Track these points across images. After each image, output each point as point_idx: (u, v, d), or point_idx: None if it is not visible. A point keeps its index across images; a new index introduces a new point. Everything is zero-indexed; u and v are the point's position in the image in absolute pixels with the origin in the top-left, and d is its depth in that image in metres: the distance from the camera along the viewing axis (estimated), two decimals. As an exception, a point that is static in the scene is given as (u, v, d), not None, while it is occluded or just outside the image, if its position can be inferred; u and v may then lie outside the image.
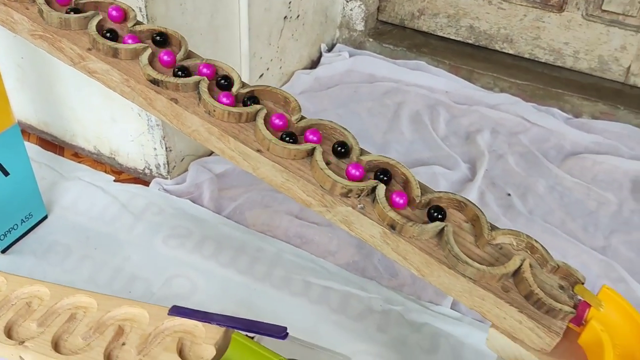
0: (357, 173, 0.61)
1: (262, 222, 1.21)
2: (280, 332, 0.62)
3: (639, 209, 1.28)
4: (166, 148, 1.22)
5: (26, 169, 1.09)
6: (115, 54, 0.72)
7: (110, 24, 0.77)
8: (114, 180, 1.28)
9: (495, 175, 1.35)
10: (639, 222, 1.25)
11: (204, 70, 0.71)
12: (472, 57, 1.68)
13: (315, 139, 0.65)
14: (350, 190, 0.61)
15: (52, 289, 0.72)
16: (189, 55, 0.75)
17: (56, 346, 0.65)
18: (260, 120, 0.64)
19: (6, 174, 1.05)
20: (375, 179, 0.63)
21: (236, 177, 1.32)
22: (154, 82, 0.69)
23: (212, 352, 0.62)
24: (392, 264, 1.14)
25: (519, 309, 0.56)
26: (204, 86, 0.67)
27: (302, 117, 0.67)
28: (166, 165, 1.25)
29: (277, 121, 0.66)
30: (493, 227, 0.61)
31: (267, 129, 0.64)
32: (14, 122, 1.03)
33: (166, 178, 1.27)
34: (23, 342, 0.65)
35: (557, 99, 1.57)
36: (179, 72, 0.70)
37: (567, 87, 1.58)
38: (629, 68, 1.55)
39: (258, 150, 0.64)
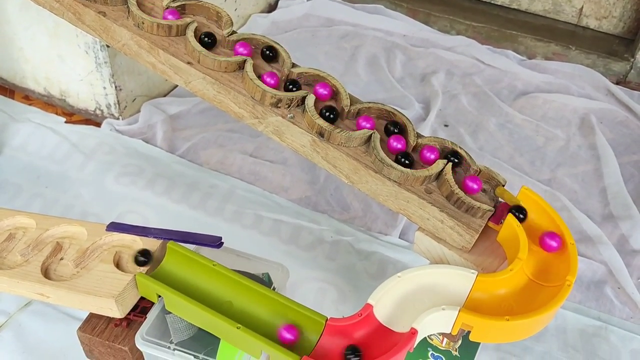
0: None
1: (216, 161, 1.21)
2: (215, 242, 0.64)
3: (586, 144, 1.32)
4: (116, 87, 1.21)
5: (-30, 107, 1.07)
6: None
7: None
8: (65, 122, 1.26)
9: (448, 114, 1.37)
10: (585, 157, 1.29)
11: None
12: (430, 1, 1.68)
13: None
14: (280, 100, 0.62)
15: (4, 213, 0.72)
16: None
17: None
18: (190, 33, 0.64)
19: (-51, 110, 1.03)
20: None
21: (191, 118, 1.31)
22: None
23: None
24: (344, 198, 1.16)
25: (440, 208, 0.58)
26: None
27: (234, 32, 0.67)
28: (117, 105, 1.24)
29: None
30: (419, 135, 0.63)
31: (197, 41, 0.64)
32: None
33: (118, 118, 1.26)
34: (-40, 260, 0.66)
35: (512, 41, 1.59)
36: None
37: (522, 29, 1.59)
38: (581, 9, 1.57)
39: (189, 63, 0.64)
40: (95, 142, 1.21)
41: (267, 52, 0.65)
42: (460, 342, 0.66)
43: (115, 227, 0.67)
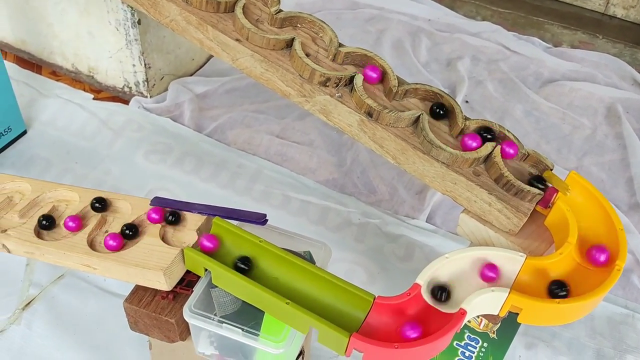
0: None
1: (242, 141, 1.21)
2: (260, 218, 0.64)
3: (612, 133, 1.31)
4: (145, 64, 1.21)
5: (4, 81, 1.08)
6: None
7: None
8: (93, 99, 1.27)
9: (474, 100, 1.37)
10: (612, 146, 1.28)
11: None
12: (456, -15, 1.67)
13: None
14: (329, 79, 0.62)
15: (33, 184, 0.72)
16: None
17: (39, 234, 0.66)
18: (239, 10, 0.64)
19: (-18, 84, 1.04)
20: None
21: (217, 98, 1.31)
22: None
23: (194, 237, 0.64)
24: (371, 181, 1.16)
25: (489, 191, 0.58)
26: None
27: (281, 10, 0.67)
28: (146, 83, 1.24)
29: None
30: (467, 118, 0.63)
31: (246, 18, 0.64)
32: (-11, 30, 1.01)
33: (146, 96, 1.26)
34: (5, 230, 0.66)
35: (538, 28, 1.58)
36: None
37: (548, 16, 1.58)
38: (610, -3, 1.56)
39: (237, 40, 0.64)
40: (123, 120, 1.22)
41: (318, 34, 0.64)
42: (499, 325, 0.66)
43: (159, 201, 0.68)
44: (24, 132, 1.16)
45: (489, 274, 0.55)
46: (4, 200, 0.71)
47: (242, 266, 0.59)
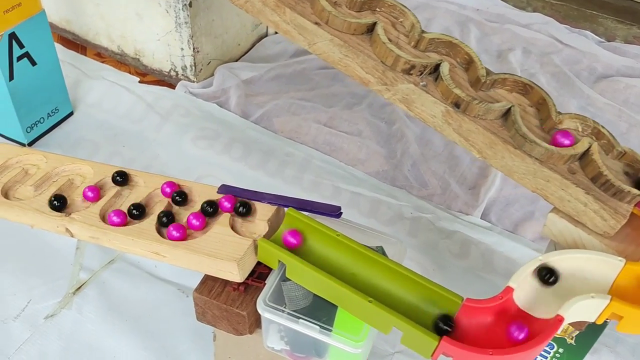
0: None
1: (290, 129, 1.19)
2: (334, 211, 0.62)
3: (670, 132, 1.27)
4: (194, 49, 1.18)
5: (53, 61, 1.06)
6: None
7: None
8: (139, 82, 1.25)
9: (527, 93, 1.33)
10: (670, 145, 1.23)
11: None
12: (506, -25, 1.62)
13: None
14: (413, 67, 0.59)
15: (94, 167, 0.70)
16: None
17: (103, 218, 0.64)
18: (319, -9, 0.61)
19: (33, 63, 1.02)
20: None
21: (262, 84, 1.29)
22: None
23: (265, 228, 0.61)
24: (422, 174, 1.13)
25: (586, 190, 0.55)
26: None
27: (362, -7, 0.64)
28: (193, 67, 1.22)
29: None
30: (559, 112, 0.59)
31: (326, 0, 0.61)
32: (41, 9, 0.99)
33: (192, 81, 1.24)
34: (70, 214, 0.65)
35: (591, 21, 1.53)
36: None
37: (602, 10, 1.53)
38: (669, -9, 1.50)
39: (316, 23, 0.61)
40: (170, 104, 1.19)
41: (399, 19, 0.61)
42: (580, 331, 0.63)
43: (227, 189, 0.66)
44: (71, 114, 1.15)
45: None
46: (65, 182, 0.69)
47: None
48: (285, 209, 0.62)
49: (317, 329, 0.56)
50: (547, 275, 0.51)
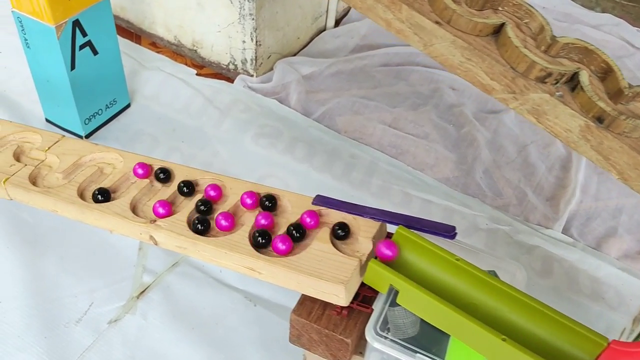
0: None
1: (354, 129, 1.13)
2: (449, 231, 0.56)
3: None
4: (256, 42, 1.13)
5: (114, 50, 1.01)
6: None
7: None
8: (196, 74, 1.20)
9: (601, 99, 1.25)
10: None
11: None
12: (574, -28, 1.54)
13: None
14: (550, 74, 0.52)
15: (176, 168, 0.65)
16: None
17: (189, 224, 0.59)
18: (443, -13, 0.55)
19: (95, 52, 0.97)
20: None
21: (323, 80, 1.23)
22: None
23: (368, 246, 0.56)
24: (495, 182, 1.06)
25: None
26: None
27: (486, -10, 0.58)
28: (254, 61, 1.16)
29: None
30: None
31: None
32: (106, -5, 0.94)
33: (251, 75, 1.19)
34: (154, 220, 0.60)
35: (666, 24, 1.44)
36: None
37: (679, 12, 1.44)
38: None
39: (437, 22, 0.55)
40: (229, 99, 1.14)
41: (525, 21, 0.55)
42: None
43: (323, 201, 0.60)
44: (128, 105, 1.10)
45: None
46: (145, 185, 0.65)
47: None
48: (388, 224, 0.57)
49: (435, 364, 0.50)
50: None
